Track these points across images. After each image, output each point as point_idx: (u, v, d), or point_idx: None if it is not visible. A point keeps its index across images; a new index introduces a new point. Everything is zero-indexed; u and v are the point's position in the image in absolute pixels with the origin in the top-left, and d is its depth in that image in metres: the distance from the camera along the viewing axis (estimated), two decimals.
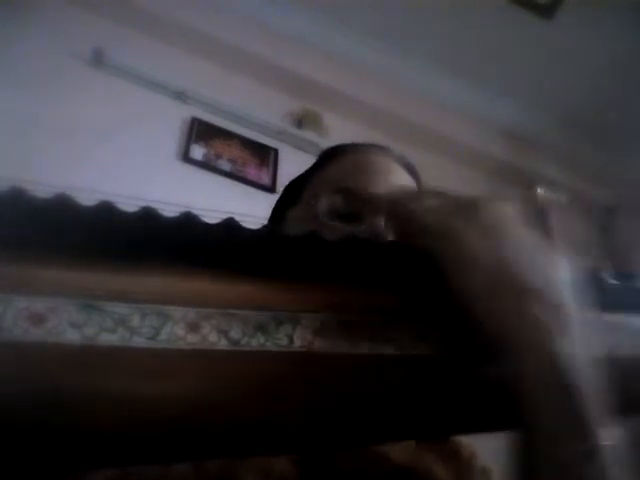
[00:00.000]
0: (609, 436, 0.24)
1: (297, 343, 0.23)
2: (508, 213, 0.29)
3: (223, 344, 0.22)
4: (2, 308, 0.19)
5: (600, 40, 1.81)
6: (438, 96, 1.94)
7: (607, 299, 0.29)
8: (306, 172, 0.56)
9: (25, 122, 1.35)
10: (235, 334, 0.22)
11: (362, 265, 0.26)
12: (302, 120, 1.81)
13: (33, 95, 1.40)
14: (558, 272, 0.27)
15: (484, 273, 0.26)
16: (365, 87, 1.86)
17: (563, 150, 2.07)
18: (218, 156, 1.66)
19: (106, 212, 0.22)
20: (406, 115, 1.88)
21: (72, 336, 0.19)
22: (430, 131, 1.92)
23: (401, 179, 0.50)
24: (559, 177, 2.07)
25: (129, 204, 0.22)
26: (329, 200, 0.46)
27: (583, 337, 0.25)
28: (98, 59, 1.55)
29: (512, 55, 1.89)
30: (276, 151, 1.74)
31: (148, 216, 0.22)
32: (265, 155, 1.72)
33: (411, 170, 0.53)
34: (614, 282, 0.30)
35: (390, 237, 0.40)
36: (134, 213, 0.22)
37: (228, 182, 1.61)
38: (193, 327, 0.21)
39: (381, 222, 0.44)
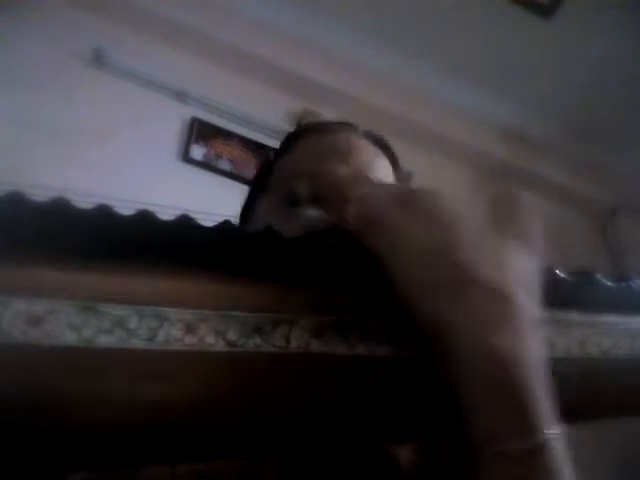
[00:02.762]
0: (554, 432, 0.22)
1: (294, 344, 0.23)
2: (450, 201, 0.27)
3: (220, 345, 0.22)
4: (1, 310, 0.19)
5: (600, 40, 1.81)
6: (438, 96, 1.95)
7: (603, 300, 0.29)
8: (273, 157, 0.52)
9: (25, 122, 1.35)
10: (232, 335, 0.22)
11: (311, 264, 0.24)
12: (302, 120, 1.81)
13: (33, 95, 1.40)
14: (511, 263, 0.25)
15: (420, 261, 0.24)
16: (365, 87, 1.86)
17: (563, 150, 2.07)
18: (218, 156, 1.66)
19: (103, 215, 0.22)
20: (406, 115, 1.88)
21: (70, 338, 0.20)
22: (430, 131, 1.93)
23: (370, 156, 0.47)
24: (559, 177, 2.07)
25: (127, 207, 0.22)
26: (293, 187, 0.43)
27: (530, 333, 0.24)
28: (98, 59, 1.55)
29: (512, 55, 1.89)
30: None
31: (145, 219, 0.22)
32: (265, 155, 1.73)
33: (383, 145, 0.50)
34: (609, 283, 0.30)
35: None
36: (131, 216, 0.22)
37: (228, 182, 1.61)
38: (190, 328, 0.21)
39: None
